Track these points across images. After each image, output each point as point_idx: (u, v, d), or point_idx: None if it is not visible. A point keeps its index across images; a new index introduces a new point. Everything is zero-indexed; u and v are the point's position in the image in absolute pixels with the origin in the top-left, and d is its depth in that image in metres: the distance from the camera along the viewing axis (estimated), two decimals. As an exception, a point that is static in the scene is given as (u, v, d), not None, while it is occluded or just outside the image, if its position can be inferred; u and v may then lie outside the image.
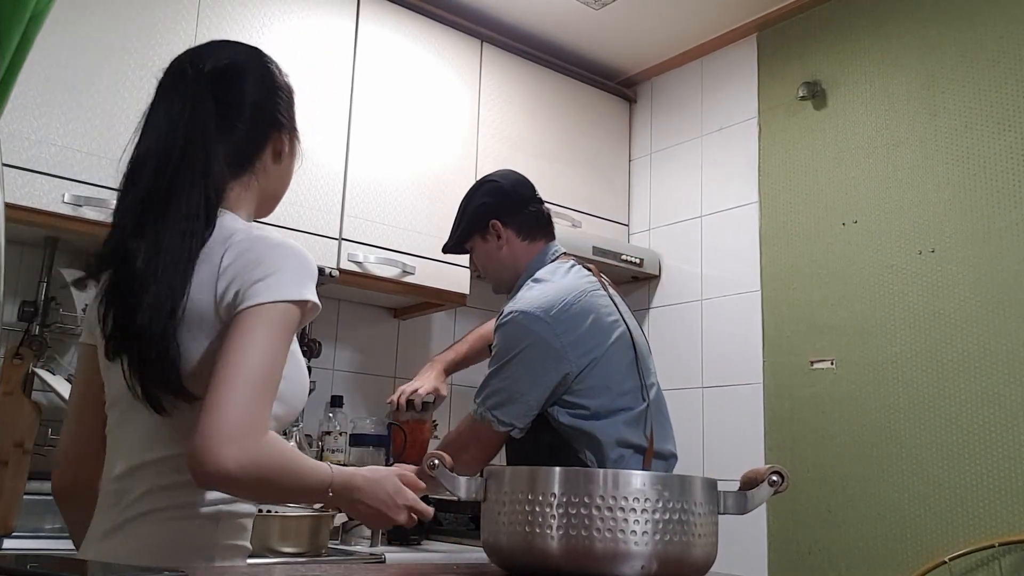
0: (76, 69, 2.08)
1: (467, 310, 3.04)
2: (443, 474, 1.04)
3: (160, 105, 1.18)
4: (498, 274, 2.01)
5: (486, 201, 1.99)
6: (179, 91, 1.18)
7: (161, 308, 1.06)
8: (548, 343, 1.76)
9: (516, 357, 1.77)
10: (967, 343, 2.23)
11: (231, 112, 1.19)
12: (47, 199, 2.00)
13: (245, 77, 1.23)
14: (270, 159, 1.25)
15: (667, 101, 3.23)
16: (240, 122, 1.20)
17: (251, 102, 1.22)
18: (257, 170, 1.23)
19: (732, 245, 2.87)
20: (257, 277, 1.08)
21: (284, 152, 1.27)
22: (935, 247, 2.34)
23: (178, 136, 1.14)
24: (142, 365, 1.08)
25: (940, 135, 2.38)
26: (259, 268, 1.09)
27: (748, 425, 2.69)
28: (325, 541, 2.00)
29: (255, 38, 2.39)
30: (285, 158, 1.28)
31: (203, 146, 1.14)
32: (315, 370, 2.58)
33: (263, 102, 1.24)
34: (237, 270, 1.09)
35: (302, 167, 2.44)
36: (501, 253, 1.97)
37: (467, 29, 2.87)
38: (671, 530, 0.93)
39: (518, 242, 1.97)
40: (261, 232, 1.15)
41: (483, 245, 1.99)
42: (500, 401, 1.78)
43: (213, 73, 1.20)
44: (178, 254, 1.09)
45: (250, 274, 1.08)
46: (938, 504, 2.22)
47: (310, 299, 1.11)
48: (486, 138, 2.86)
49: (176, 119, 1.15)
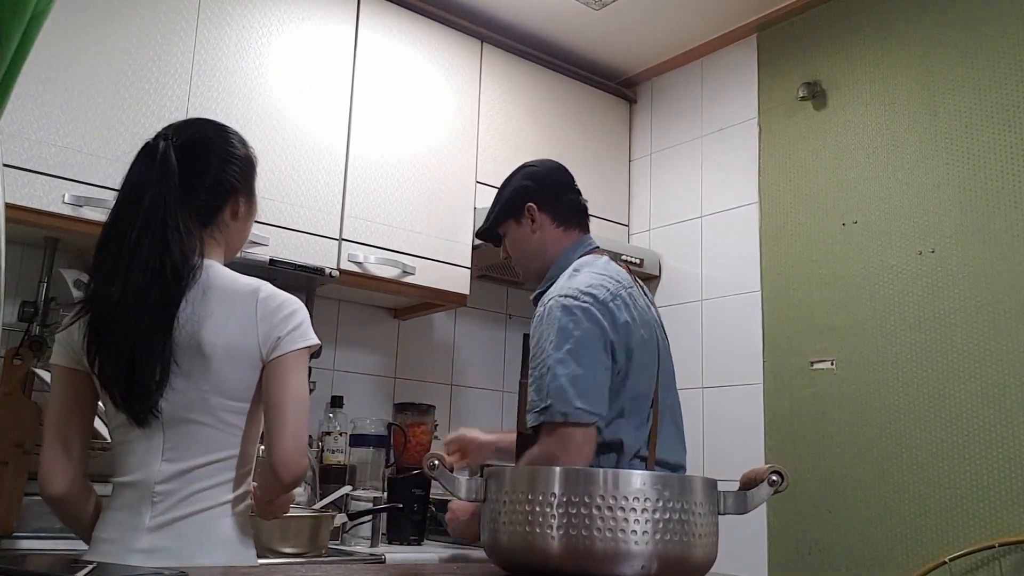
0: (76, 70, 2.08)
1: (467, 311, 3.04)
2: (443, 474, 1.05)
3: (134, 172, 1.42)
4: (528, 260, 1.96)
5: (524, 185, 1.95)
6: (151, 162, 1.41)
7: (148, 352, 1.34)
8: (604, 329, 1.69)
9: (580, 342, 1.67)
10: (967, 343, 2.23)
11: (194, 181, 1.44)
12: (47, 199, 2.00)
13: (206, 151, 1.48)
14: (230, 217, 1.50)
15: (667, 101, 3.23)
16: (199, 189, 1.45)
17: (211, 171, 1.47)
18: (219, 225, 1.49)
19: (732, 245, 2.87)
20: (290, 328, 1.41)
21: (240, 212, 1.52)
22: (935, 247, 2.34)
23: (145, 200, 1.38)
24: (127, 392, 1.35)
25: (940, 135, 2.38)
26: (290, 320, 1.41)
27: (748, 425, 2.69)
28: (325, 541, 2.00)
29: (254, 41, 2.40)
30: (242, 217, 1.53)
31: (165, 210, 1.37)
32: (315, 370, 2.58)
33: (221, 171, 1.48)
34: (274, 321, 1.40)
35: (302, 167, 2.46)
36: (534, 238, 1.93)
37: (467, 30, 2.87)
38: (671, 530, 0.93)
39: (552, 228, 1.93)
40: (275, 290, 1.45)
41: (517, 229, 1.95)
42: (581, 390, 1.64)
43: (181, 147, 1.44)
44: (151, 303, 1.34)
45: (284, 325, 1.41)
46: (938, 504, 2.22)
47: (319, 342, 1.45)
48: (486, 138, 2.86)
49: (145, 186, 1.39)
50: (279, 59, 2.44)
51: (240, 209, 1.51)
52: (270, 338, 1.40)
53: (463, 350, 3.10)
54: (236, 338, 1.38)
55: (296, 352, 1.40)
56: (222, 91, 2.31)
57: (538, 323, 1.74)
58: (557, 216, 1.93)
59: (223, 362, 1.37)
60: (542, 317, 1.73)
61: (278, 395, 1.38)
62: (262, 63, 2.40)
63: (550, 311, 1.71)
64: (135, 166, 1.43)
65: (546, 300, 1.75)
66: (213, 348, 1.37)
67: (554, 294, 1.75)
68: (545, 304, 1.74)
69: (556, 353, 1.67)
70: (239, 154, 1.52)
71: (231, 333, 1.38)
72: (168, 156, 1.41)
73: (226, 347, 1.38)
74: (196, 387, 1.36)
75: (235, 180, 1.49)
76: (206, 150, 1.48)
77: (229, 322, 1.39)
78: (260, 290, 1.43)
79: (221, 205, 1.48)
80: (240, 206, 1.51)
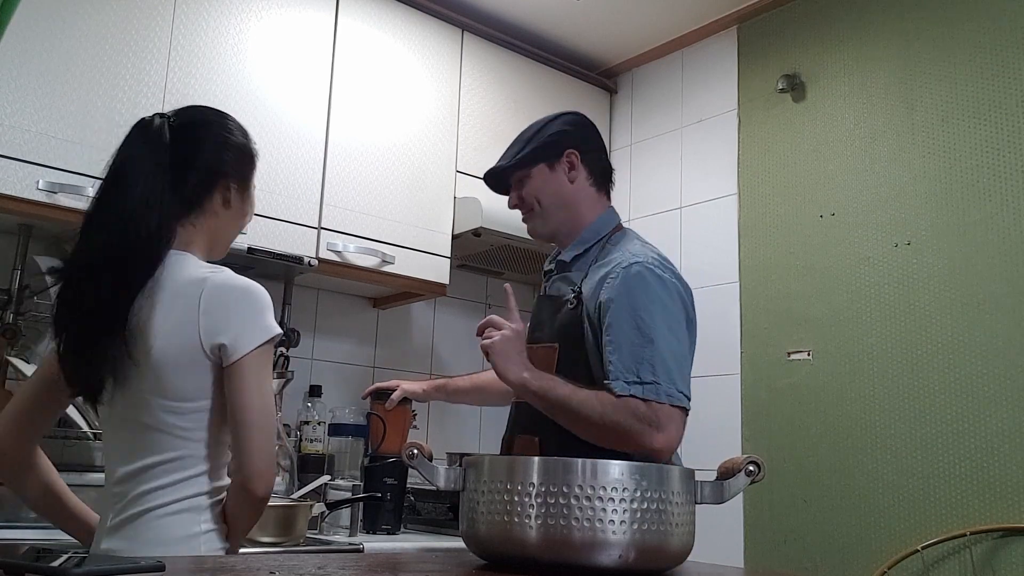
0: (52, 55, 2.06)
1: (447, 300, 3.03)
2: (421, 463, 1.05)
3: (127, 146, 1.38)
4: (553, 212, 1.75)
5: (567, 130, 1.76)
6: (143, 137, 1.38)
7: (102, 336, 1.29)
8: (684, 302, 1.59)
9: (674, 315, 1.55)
10: (941, 335, 2.26)
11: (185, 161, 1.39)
12: (21, 185, 1.97)
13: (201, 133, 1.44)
14: (220, 205, 1.44)
15: (647, 92, 3.23)
16: (189, 171, 1.40)
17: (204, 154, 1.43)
18: (206, 213, 1.43)
19: (711, 237, 2.88)
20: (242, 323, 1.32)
21: (231, 200, 1.46)
22: (911, 240, 2.36)
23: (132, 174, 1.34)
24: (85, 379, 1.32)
25: (917, 129, 2.40)
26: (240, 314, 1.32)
27: (725, 415, 2.71)
28: (303, 531, 2.00)
29: (233, 27, 2.37)
30: (234, 206, 1.47)
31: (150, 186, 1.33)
32: (294, 359, 2.57)
33: (214, 154, 1.44)
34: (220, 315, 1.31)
35: (281, 155, 2.44)
36: (566, 189, 1.73)
37: (448, 18, 2.86)
38: (648, 519, 0.94)
39: (587, 185, 1.75)
40: (228, 276, 1.36)
41: (547, 174, 1.74)
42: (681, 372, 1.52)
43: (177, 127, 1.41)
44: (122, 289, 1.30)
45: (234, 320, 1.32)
46: (911, 494, 2.25)
47: (280, 331, 1.37)
48: (466, 127, 2.85)
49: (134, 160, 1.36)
50: (258, 45, 2.42)
51: (232, 197, 1.45)
52: (217, 335, 1.31)
53: (442, 340, 3.10)
54: (175, 335, 1.30)
55: (253, 353, 1.31)
56: (200, 77, 2.29)
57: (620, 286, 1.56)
58: (594, 173, 1.77)
59: (161, 361, 1.30)
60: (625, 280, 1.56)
61: (240, 407, 1.30)
62: (241, 49, 2.38)
63: (640, 276, 1.56)
64: (127, 140, 1.39)
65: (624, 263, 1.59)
66: (152, 346, 1.30)
67: (638, 260, 1.59)
68: (626, 268, 1.58)
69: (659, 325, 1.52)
70: (236, 141, 1.48)
71: (170, 329, 1.31)
72: (162, 132, 1.38)
73: (165, 345, 1.30)
74: (138, 386, 1.31)
75: (228, 167, 1.45)
76: (202, 132, 1.44)
77: (170, 317, 1.31)
78: (208, 280, 1.34)
79: (211, 190, 1.43)
80: (232, 194, 1.45)
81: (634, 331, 1.52)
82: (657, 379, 1.49)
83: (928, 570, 2.19)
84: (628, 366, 1.50)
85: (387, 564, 1.07)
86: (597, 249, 1.72)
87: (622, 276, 1.58)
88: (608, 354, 1.54)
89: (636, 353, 1.51)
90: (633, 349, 1.51)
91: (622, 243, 1.71)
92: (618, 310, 1.55)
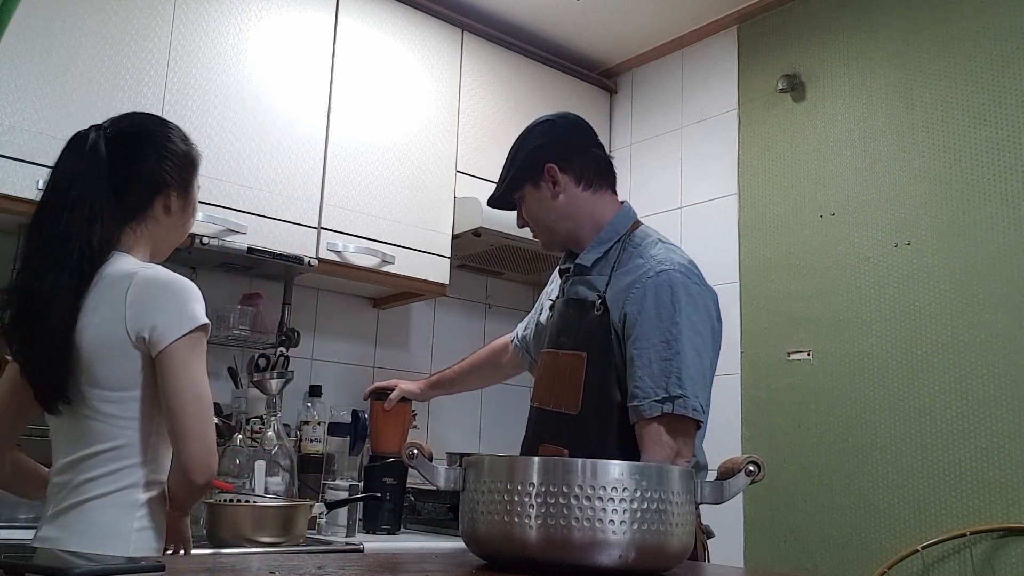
0: (52, 55, 2.05)
1: (447, 300, 3.03)
2: (421, 463, 1.05)
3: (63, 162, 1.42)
4: (552, 226, 1.74)
5: (541, 143, 1.72)
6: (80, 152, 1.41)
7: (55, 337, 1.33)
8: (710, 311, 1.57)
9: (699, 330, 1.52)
10: (941, 335, 2.26)
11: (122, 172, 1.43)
12: (20, 185, 1.97)
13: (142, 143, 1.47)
14: (161, 212, 1.48)
15: (647, 92, 3.23)
16: (130, 181, 1.44)
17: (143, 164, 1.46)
18: (148, 220, 1.47)
19: (711, 237, 2.88)
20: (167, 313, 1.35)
21: (172, 207, 1.49)
22: (911, 240, 2.36)
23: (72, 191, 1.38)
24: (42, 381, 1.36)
25: (917, 128, 2.40)
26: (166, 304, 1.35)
27: (725, 415, 2.70)
28: (302, 531, 1.99)
29: (233, 27, 2.37)
30: (175, 212, 1.50)
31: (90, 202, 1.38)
32: (294, 359, 2.57)
33: (153, 164, 1.47)
34: (146, 305, 1.35)
35: (281, 154, 2.44)
36: (557, 203, 1.70)
37: (448, 18, 2.86)
38: (648, 519, 0.94)
39: (577, 191, 1.71)
40: (157, 271, 1.40)
41: (536, 194, 1.72)
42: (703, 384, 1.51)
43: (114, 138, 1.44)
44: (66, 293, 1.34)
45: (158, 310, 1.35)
46: (911, 494, 2.25)
47: (207, 321, 1.39)
48: (466, 127, 2.85)
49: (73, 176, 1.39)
50: (258, 45, 2.42)
51: (172, 204, 1.49)
52: (141, 326, 1.34)
53: (442, 340, 3.09)
54: (104, 324, 1.35)
55: (179, 342, 1.34)
56: (200, 78, 2.29)
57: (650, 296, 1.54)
58: (583, 177, 1.71)
59: (92, 352, 1.35)
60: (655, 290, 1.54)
61: (172, 395, 1.33)
62: (241, 49, 2.38)
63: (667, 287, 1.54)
64: (63, 155, 1.43)
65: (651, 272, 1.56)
66: (83, 335, 1.35)
67: (666, 267, 1.56)
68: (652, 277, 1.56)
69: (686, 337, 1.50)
70: (176, 149, 1.50)
71: (100, 319, 1.35)
72: (97, 147, 1.41)
73: (95, 334, 1.35)
74: (74, 377, 1.35)
75: (167, 174, 1.48)
76: (140, 142, 1.47)
77: (100, 308, 1.36)
78: (136, 274, 1.38)
79: (151, 199, 1.46)
80: (172, 201, 1.49)
81: (662, 344, 1.51)
82: (685, 392, 1.48)
83: (928, 570, 2.19)
84: (658, 382, 1.49)
85: (387, 564, 1.07)
86: (617, 250, 1.68)
87: (649, 286, 1.55)
88: (637, 369, 1.52)
89: (664, 367, 1.49)
90: (662, 364, 1.50)
91: (644, 245, 1.67)
92: (645, 323, 1.53)
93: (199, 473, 1.33)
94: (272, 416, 2.42)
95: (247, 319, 2.49)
